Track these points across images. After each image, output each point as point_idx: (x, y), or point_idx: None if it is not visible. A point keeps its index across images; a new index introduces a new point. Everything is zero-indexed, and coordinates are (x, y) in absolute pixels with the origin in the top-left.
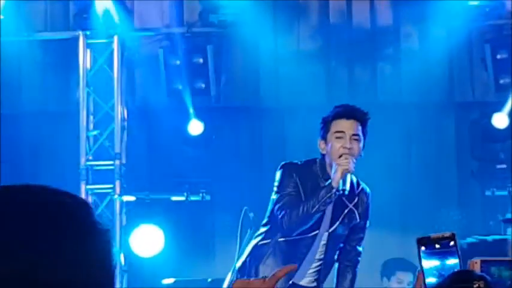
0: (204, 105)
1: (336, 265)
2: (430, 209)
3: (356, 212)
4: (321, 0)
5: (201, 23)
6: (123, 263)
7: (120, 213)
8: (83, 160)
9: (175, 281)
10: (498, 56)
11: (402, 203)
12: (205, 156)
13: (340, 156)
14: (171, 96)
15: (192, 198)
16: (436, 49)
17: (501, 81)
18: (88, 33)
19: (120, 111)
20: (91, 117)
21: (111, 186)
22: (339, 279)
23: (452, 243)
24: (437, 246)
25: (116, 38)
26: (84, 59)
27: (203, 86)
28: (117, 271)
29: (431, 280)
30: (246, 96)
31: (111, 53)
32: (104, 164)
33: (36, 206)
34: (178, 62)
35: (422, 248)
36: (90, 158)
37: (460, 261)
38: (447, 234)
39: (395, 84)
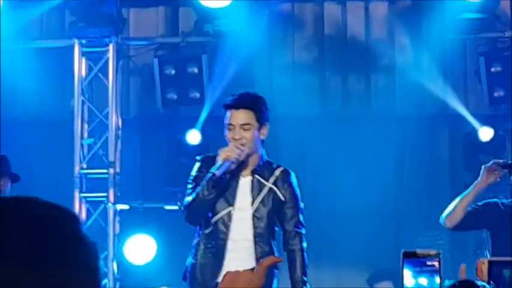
0: (198, 114)
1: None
2: (422, 221)
3: (278, 191)
4: (316, 12)
5: (196, 33)
6: (116, 271)
7: (114, 222)
8: (77, 168)
9: None
10: (492, 69)
11: (395, 214)
12: None
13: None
14: (166, 106)
15: None
16: (430, 61)
17: (495, 94)
18: (83, 41)
19: (114, 120)
20: (85, 126)
21: (104, 194)
22: (290, 267)
23: (436, 261)
24: (421, 262)
25: (111, 47)
26: (80, 67)
27: (198, 95)
28: (111, 279)
29: None
30: None
31: (106, 61)
32: (98, 172)
33: (25, 219)
34: (173, 72)
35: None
36: (84, 166)
37: (441, 280)
38: (433, 252)
39: (389, 96)
